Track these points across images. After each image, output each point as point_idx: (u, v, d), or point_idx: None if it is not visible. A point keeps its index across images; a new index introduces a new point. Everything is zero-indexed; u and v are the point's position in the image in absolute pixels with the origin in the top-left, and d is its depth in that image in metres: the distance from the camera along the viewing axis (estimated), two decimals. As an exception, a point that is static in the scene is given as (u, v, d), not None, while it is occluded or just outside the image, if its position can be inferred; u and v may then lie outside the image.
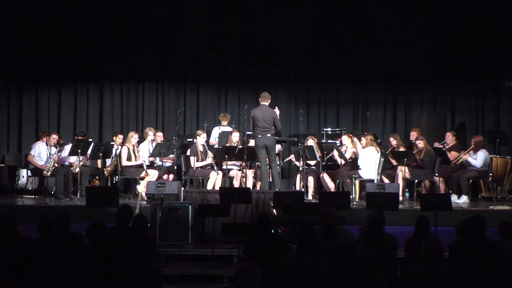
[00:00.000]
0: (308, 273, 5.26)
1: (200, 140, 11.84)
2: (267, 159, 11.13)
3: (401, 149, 11.93)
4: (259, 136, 11.03)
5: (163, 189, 9.95)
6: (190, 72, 14.66)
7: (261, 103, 11.20)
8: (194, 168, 11.66)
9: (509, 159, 12.49)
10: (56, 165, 11.87)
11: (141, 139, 12.47)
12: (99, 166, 12.41)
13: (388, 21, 13.85)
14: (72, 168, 12.05)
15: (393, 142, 12.11)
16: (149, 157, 12.00)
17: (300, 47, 14.18)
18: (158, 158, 11.80)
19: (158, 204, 8.95)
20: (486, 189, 12.32)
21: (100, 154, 11.88)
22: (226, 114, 13.48)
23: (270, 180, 11.32)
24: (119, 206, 8.24)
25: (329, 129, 13.82)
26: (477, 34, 13.62)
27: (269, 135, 11.04)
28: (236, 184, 11.75)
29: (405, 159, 11.43)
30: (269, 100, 11.29)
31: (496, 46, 13.74)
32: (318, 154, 11.62)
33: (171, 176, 11.73)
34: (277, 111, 11.34)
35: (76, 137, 12.75)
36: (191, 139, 12.30)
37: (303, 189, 11.29)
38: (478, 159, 11.73)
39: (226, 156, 11.15)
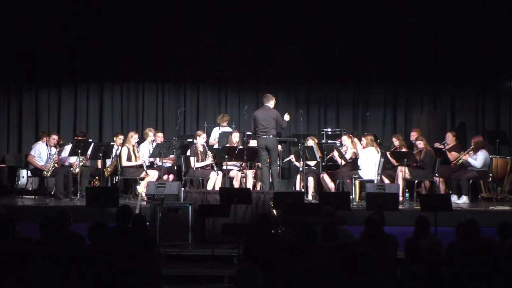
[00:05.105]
0: (308, 274, 5.25)
1: (200, 140, 11.85)
2: (268, 160, 11.16)
3: (403, 149, 11.94)
4: (259, 137, 11.09)
5: (163, 189, 9.95)
6: (190, 72, 14.66)
7: (264, 104, 11.28)
8: (194, 169, 11.66)
9: (509, 160, 12.48)
10: (56, 165, 11.87)
11: (141, 139, 12.48)
12: (99, 166, 12.41)
13: (388, 21, 13.85)
14: (72, 168, 12.06)
15: (396, 142, 12.11)
16: (149, 157, 12.01)
17: (300, 47, 14.18)
18: (158, 159, 11.80)
19: (158, 205, 8.95)
20: (486, 190, 12.32)
21: (100, 154, 11.88)
22: (224, 115, 13.44)
23: (270, 181, 11.34)
24: (119, 206, 8.24)
25: (329, 129, 13.81)
26: (477, 34, 13.61)
27: (271, 136, 11.08)
28: (236, 184, 11.76)
29: (405, 160, 11.43)
30: (272, 101, 11.31)
31: (496, 46, 13.74)
32: (318, 154, 11.62)
33: (171, 177, 11.73)
34: (287, 117, 11.40)
35: (76, 138, 12.74)
36: (191, 140, 12.30)
37: (303, 190, 11.29)
38: (478, 159, 11.74)
39: (226, 156, 11.16)
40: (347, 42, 14.04)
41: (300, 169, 11.72)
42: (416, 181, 11.76)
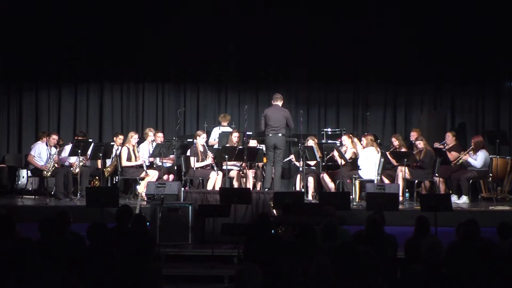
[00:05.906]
0: (308, 274, 5.25)
1: (200, 140, 11.85)
2: (273, 160, 11.26)
3: (403, 149, 11.93)
4: (270, 135, 11.26)
5: (163, 189, 9.97)
6: (190, 72, 14.66)
7: (274, 103, 11.38)
8: (194, 169, 11.66)
9: (509, 160, 12.48)
10: (56, 165, 11.87)
11: (141, 139, 12.48)
12: (99, 166, 12.41)
13: (388, 21, 13.85)
14: (72, 168, 12.06)
15: (395, 142, 12.10)
16: (149, 157, 12.01)
17: (300, 47, 14.18)
18: (158, 159, 11.80)
19: (158, 205, 8.95)
20: (486, 190, 12.32)
21: (100, 154, 11.88)
22: (226, 114, 13.48)
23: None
24: (119, 206, 8.24)
25: (329, 129, 13.82)
26: (477, 34, 13.61)
27: (279, 134, 11.30)
28: (236, 184, 11.76)
29: (405, 160, 11.43)
30: (282, 101, 11.58)
31: (496, 46, 13.74)
32: (318, 154, 11.63)
33: (171, 177, 11.73)
34: None
35: (76, 138, 12.74)
36: (191, 140, 12.30)
37: (303, 190, 11.29)
38: (478, 159, 11.74)
39: (226, 156, 11.16)
40: (347, 42, 14.02)
41: (300, 169, 11.72)
42: (416, 181, 11.76)
